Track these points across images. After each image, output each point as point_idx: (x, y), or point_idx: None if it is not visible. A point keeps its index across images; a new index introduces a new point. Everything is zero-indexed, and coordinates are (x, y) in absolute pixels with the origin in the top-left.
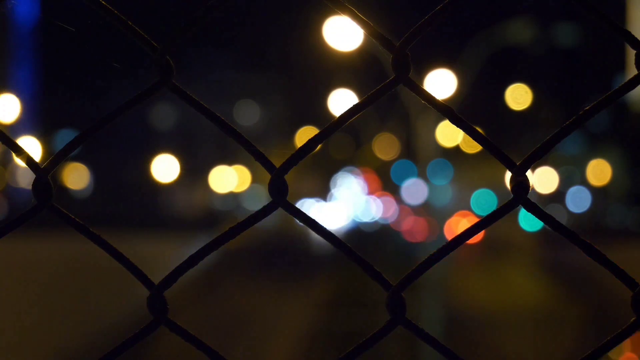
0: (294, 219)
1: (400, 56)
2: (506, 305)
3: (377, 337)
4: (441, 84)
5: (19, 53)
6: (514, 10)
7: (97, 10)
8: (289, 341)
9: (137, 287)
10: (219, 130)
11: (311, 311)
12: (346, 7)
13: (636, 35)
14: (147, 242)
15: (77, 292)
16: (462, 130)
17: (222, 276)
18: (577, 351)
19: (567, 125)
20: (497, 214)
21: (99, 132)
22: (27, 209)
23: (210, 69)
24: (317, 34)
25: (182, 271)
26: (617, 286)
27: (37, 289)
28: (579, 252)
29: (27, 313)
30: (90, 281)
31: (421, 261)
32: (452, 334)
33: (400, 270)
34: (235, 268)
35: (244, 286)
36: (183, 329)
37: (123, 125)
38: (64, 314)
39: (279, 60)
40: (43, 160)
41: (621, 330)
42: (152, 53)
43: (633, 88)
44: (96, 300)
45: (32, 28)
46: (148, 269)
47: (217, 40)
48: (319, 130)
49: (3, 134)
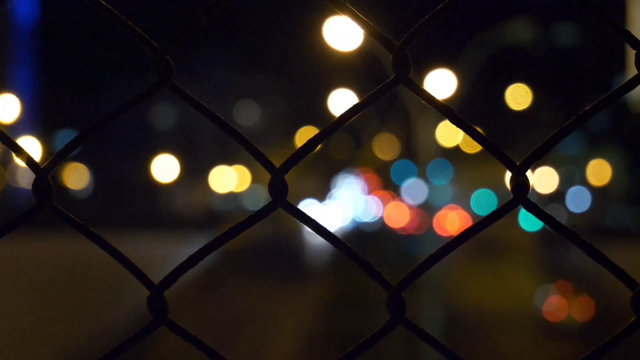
0: (294, 220)
1: (400, 56)
2: (506, 305)
3: (377, 337)
4: (441, 84)
5: (19, 53)
6: (514, 10)
7: (97, 10)
8: (289, 341)
9: (137, 287)
10: (219, 130)
11: (311, 311)
12: (346, 7)
13: (636, 35)
14: (147, 242)
15: (77, 292)
16: (462, 130)
17: (222, 276)
18: (577, 351)
19: (567, 125)
20: (497, 214)
21: (99, 132)
22: (27, 209)
23: (210, 69)
24: (317, 34)
25: (182, 271)
26: (617, 286)
27: (37, 289)
28: (579, 252)
29: (27, 313)
30: (90, 281)
31: (421, 261)
32: (452, 334)
33: (400, 270)
34: (236, 268)
35: (244, 286)
36: (183, 329)
37: (123, 125)
38: (64, 314)
39: (279, 60)
40: (43, 160)
41: (621, 330)
42: (152, 53)
43: (633, 88)
44: (96, 300)
45: (32, 28)
46: (148, 269)
47: (217, 40)
48: (319, 130)
49: (3, 134)
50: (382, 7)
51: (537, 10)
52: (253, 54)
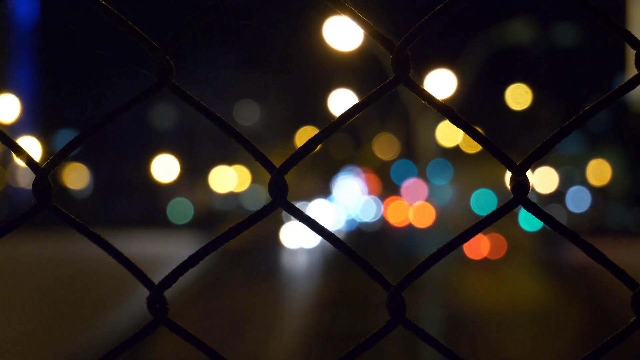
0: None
1: (400, 56)
2: (506, 305)
3: (377, 337)
4: (441, 84)
5: (19, 53)
6: (514, 10)
7: (97, 10)
8: (289, 341)
9: (137, 287)
10: (219, 130)
11: (311, 311)
12: (346, 7)
13: (636, 35)
14: (147, 242)
15: (77, 292)
16: (462, 130)
17: (222, 276)
18: (577, 351)
19: (567, 125)
20: (497, 214)
21: (99, 132)
22: (27, 209)
23: (210, 69)
24: (317, 34)
25: (182, 271)
26: (617, 286)
27: (37, 289)
28: (579, 252)
29: (26, 313)
30: (90, 281)
31: (421, 261)
32: (452, 334)
33: (400, 270)
34: (236, 268)
35: (244, 286)
36: (183, 329)
37: (123, 125)
38: (64, 314)
39: (279, 60)
40: (43, 160)
41: (621, 330)
42: (152, 53)
43: (633, 88)
44: (96, 300)
45: (32, 28)
46: (148, 269)
47: (218, 40)
48: (319, 130)
49: (3, 134)
50: (382, 7)
51: (537, 10)
52: (253, 53)
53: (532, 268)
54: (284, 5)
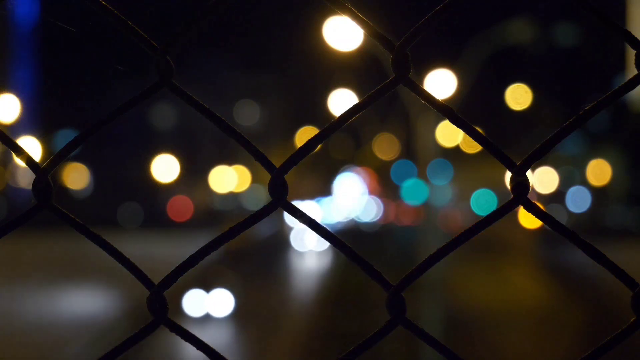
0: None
1: (400, 56)
2: (506, 305)
3: (377, 337)
4: (441, 84)
5: (19, 53)
6: (514, 10)
7: (97, 11)
8: (289, 341)
9: (137, 287)
10: (219, 130)
11: (311, 311)
12: (346, 7)
13: (636, 35)
14: (147, 242)
15: (77, 292)
16: (462, 130)
17: (222, 276)
18: (577, 351)
19: (567, 125)
20: (497, 214)
21: (99, 132)
22: (27, 209)
23: (210, 69)
24: (317, 34)
25: (182, 271)
26: (617, 286)
27: (37, 289)
28: (579, 252)
29: (26, 313)
30: (90, 281)
31: (421, 261)
32: (452, 334)
33: (400, 270)
34: (235, 268)
35: (244, 285)
36: (183, 328)
37: (123, 125)
38: (64, 314)
39: (279, 60)
40: (43, 160)
41: (621, 330)
42: (152, 53)
43: (633, 88)
44: (96, 300)
45: (32, 28)
46: (148, 269)
47: (217, 40)
48: (319, 130)
49: (3, 134)
50: (382, 7)
51: (537, 10)
52: (253, 54)
53: (532, 268)
54: (283, 6)
